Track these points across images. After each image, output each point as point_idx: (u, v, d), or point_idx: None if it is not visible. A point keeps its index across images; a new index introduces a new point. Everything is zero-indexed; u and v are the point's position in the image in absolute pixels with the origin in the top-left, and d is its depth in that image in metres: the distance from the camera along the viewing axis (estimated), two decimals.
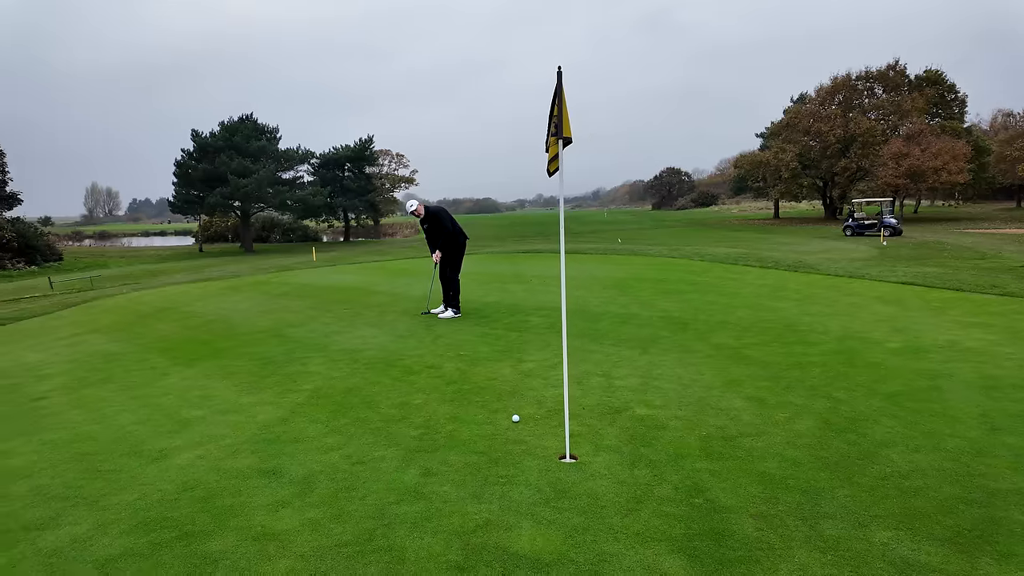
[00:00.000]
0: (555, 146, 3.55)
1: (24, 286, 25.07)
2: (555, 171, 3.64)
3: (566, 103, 3.50)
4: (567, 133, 3.51)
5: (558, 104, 3.45)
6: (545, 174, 3.80)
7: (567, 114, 3.51)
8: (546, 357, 5.99)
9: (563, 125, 3.46)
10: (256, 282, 14.85)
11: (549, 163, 3.64)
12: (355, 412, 4.45)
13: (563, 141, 3.52)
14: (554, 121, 3.53)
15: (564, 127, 3.47)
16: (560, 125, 3.47)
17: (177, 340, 7.60)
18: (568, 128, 3.51)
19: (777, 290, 9.64)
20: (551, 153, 3.60)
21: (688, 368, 5.40)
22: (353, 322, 8.41)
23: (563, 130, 3.47)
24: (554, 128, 3.52)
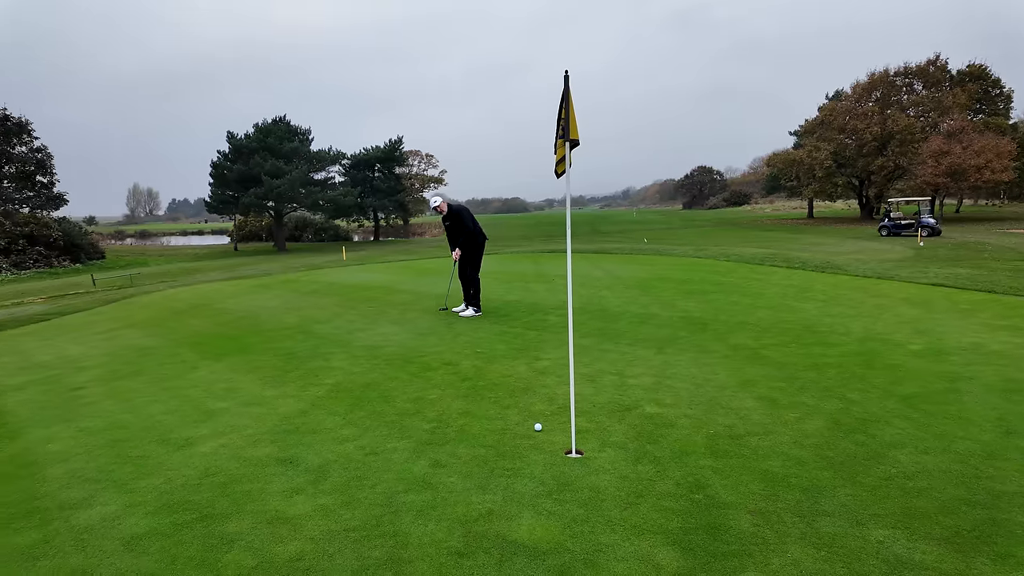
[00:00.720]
0: (562, 148, 3.63)
1: (69, 283, 26.14)
2: (563, 173, 3.72)
3: (573, 107, 3.58)
4: (574, 135, 3.58)
5: (565, 107, 3.53)
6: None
7: (574, 117, 3.58)
8: (562, 355, 6.06)
9: (570, 128, 3.54)
10: (286, 280, 15.24)
11: (556, 164, 3.72)
12: (372, 406, 4.60)
13: (570, 143, 3.60)
14: (561, 124, 3.61)
15: (571, 130, 3.55)
16: (567, 128, 3.55)
17: (207, 335, 7.89)
18: (575, 131, 3.58)
19: (802, 291, 9.52)
20: (559, 155, 3.68)
21: (703, 368, 5.41)
22: (376, 320, 8.60)
23: (570, 132, 3.55)
24: (561, 131, 3.60)
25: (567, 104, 3.52)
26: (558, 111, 3.60)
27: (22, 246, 32.05)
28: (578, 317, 8.04)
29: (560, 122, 3.61)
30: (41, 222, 34.07)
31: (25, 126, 36.96)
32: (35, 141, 37.43)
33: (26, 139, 36.87)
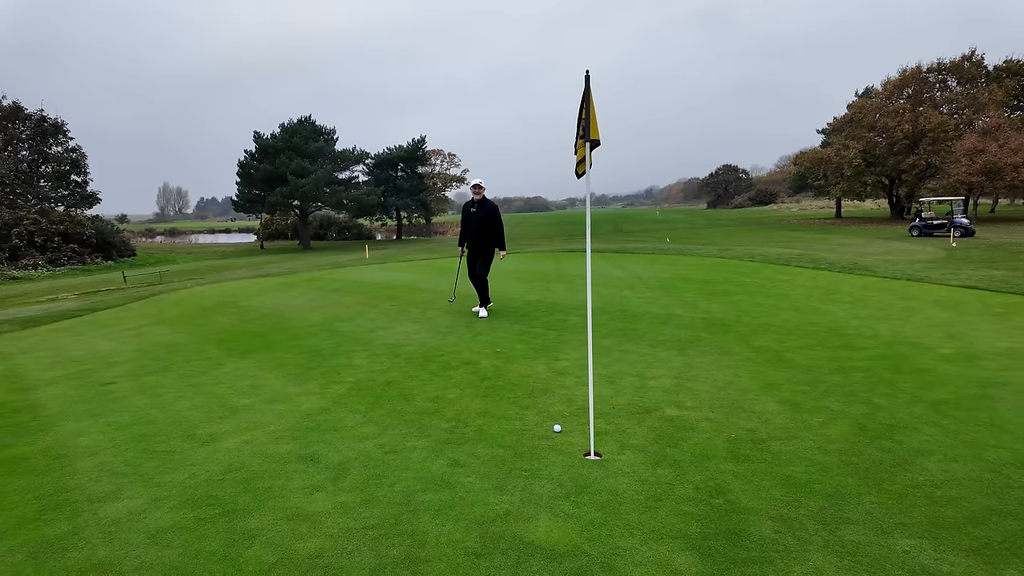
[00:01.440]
0: (583, 148, 3.61)
1: (102, 279, 26.86)
2: (583, 173, 3.71)
3: (594, 106, 3.56)
4: (595, 136, 3.56)
5: (586, 108, 3.52)
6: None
7: (595, 117, 3.56)
8: (581, 356, 6.04)
9: (591, 128, 3.52)
10: (311, 278, 15.44)
11: (577, 165, 3.71)
12: (392, 404, 4.64)
13: (590, 143, 3.58)
14: (582, 124, 3.60)
15: (592, 130, 3.53)
16: (588, 128, 3.53)
17: (233, 332, 8.03)
18: (596, 131, 3.57)
19: (828, 293, 9.35)
20: (579, 155, 3.67)
21: (725, 370, 5.35)
22: (397, 318, 8.66)
23: (591, 132, 3.53)
24: (582, 131, 3.58)
25: (588, 104, 3.51)
26: (579, 111, 3.59)
27: (57, 243, 33.03)
28: (598, 318, 8.00)
29: (581, 122, 3.59)
30: (75, 220, 35.07)
31: (61, 127, 38.08)
32: (70, 141, 38.56)
33: (61, 139, 37.99)
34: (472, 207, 8.30)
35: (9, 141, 36.36)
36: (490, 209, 8.26)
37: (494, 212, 8.28)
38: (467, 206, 8.45)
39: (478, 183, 8.22)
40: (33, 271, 29.92)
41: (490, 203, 8.31)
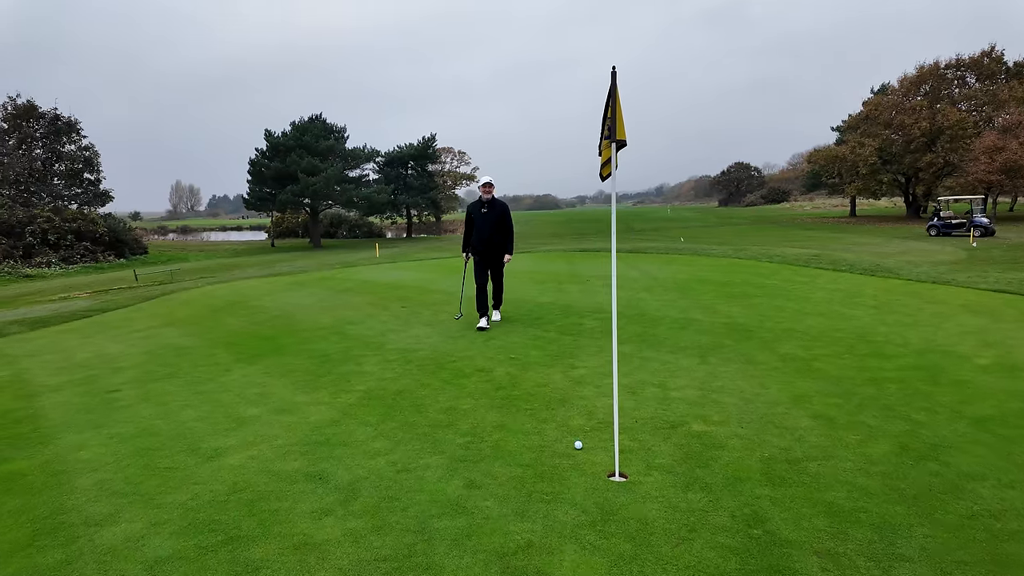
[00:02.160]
0: (608, 149, 3.40)
1: (114, 277, 26.95)
2: (608, 176, 3.49)
3: (620, 105, 3.34)
4: (621, 136, 3.35)
5: (612, 106, 3.30)
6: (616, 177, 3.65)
7: (621, 116, 3.35)
8: (599, 364, 5.82)
9: (617, 128, 3.30)
10: (321, 278, 15.31)
11: (602, 167, 3.49)
12: (404, 415, 4.45)
13: (616, 144, 3.37)
14: (607, 124, 3.38)
15: (618, 130, 3.31)
16: (614, 128, 3.31)
17: (243, 335, 7.88)
18: (623, 131, 3.35)
19: (851, 296, 9.06)
20: (604, 157, 3.45)
21: (751, 381, 5.11)
22: (408, 321, 8.49)
23: (617, 133, 3.31)
24: (607, 131, 3.37)
25: (614, 102, 3.29)
26: (604, 110, 3.37)
27: (70, 241, 33.22)
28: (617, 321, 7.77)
29: (606, 122, 3.38)
30: (88, 218, 35.26)
31: (74, 125, 38.29)
32: (83, 139, 38.77)
33: (75, 137, 38.19)
34: (482, 207, 7.53)
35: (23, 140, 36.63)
36: (501, 210, 7.54)
37: (506, 213, 7.60)
38: (474, 207, 7.65)
39: (488, 181, 7.52)
40: (46, 269, 30.11)
41: (501, 203, 7.61)
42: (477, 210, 7.60)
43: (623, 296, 9.82)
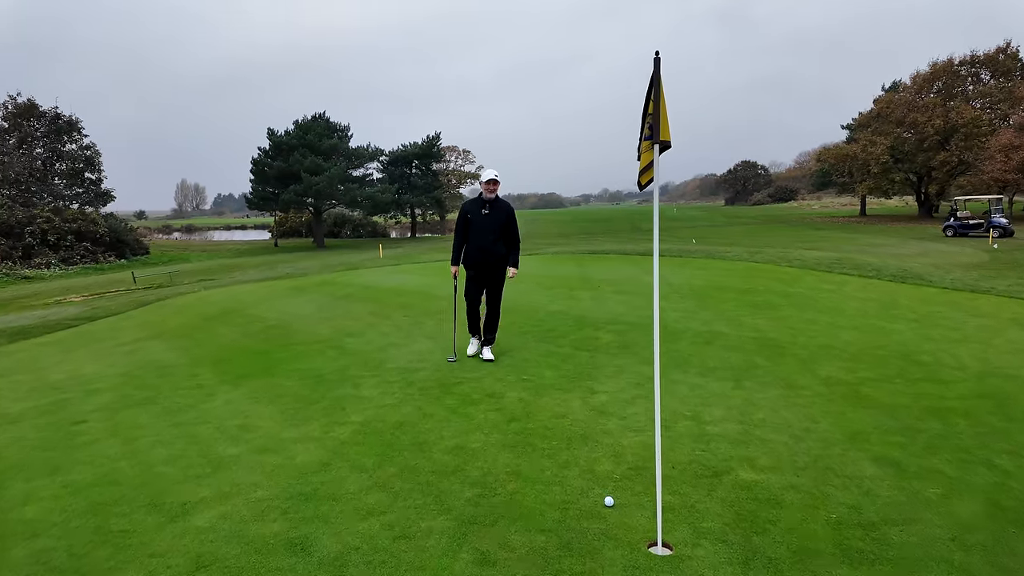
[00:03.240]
0: (649, 152, 2.82)
1: (112, 279, 26.51)
2: (648, 183, 2.91)
3: (664, 98, 2.76)
4: (665, 136, 2.77)
5: (655, 100, 2.72)
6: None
7: (666, 112, 2.77)
8: (620, 387, 5.25)
9: (660, 126, 2.73)
10: (321, 282, 14.77)
11: (641, 174, 2.90)
12: (404, 457, 3.88)
13: (659, 146, 2.79)
14: (648, 121, 2.80)
15: (662, 129, 2.73)
16: (656, 126, 2.73)
17: (233, 350, 7.34)
18: (667, 129, 2.77)
19: (886, 307, 8.45)
20: (644, 161, 2.87)
21: (796, 411, 4.53)
22: (411, 333, 7.93)
23: (660, 132, 2.73)
24: (648, 129, 2.79)
25: (657, 95, 2.71)
26: (644, 104, 2.79)
27: (70, 242, 32.81)
28: (632, 335, 7.20)
29: (646, 119, 2.80)
30: (88, 218, 34.85)
31: (75, 124, 37.89)
32: (84, 139, 38.37)
33: (76, 137, 37.80)
34: (484, 208, 6.05)
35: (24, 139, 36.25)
36: (507, 212, 6.13)
37: (512, 216, 6.19)
38: (472, 206, 6.14)
39: (493, 177, 6.02)
40: (45, 270, 29.69)
41: (505, 203, 6.17)
42: (476, 210, 6.08)
43: (639, 304, 9.24)
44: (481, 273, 6.19)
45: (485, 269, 6.17)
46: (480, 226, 6.07)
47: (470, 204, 6.17)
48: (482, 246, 6.08)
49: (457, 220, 6.21)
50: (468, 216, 6.11)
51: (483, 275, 6.20)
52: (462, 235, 6.21)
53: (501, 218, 6.12)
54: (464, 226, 6.17)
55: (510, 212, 6.21)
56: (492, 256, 6.13)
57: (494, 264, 6.18)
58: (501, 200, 6.17)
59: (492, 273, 6.21)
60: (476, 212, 6.09)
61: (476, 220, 6.09)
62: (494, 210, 6.09)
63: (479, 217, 6.08)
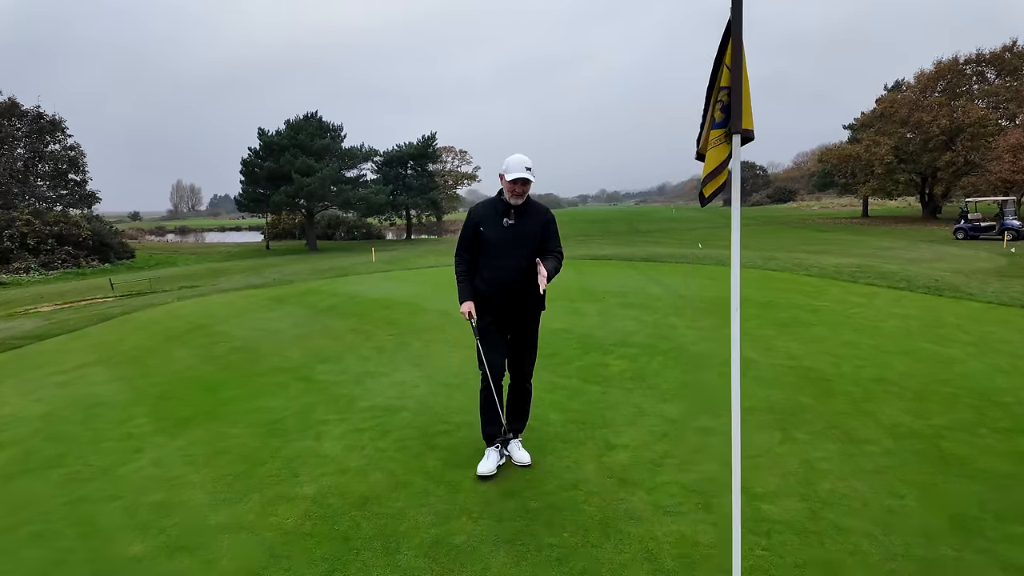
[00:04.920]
0: (722, 145, 1.82)
1: (93, 285, 25.43)
2: (715, 194, 1.92)
3: (747, 69, 1.77)
4: (748, 124, 1.77)
5: (733, 67, 1.72)
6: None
7: (749, 93, 1.77)
8: (642, 439, 4.26)
9: (744, 109, 1.73)
10: (305, 291, 13.75)
11: (705, 182, 1.91)
12: (363, 560, 2.88)
13: (738, 138, 1.79)
14: (715, 102, 1.81)
15: (745, 114, 1.74)
16: (738, 107, 1.74)
17: (185, 381, 6.33)
18: (750, 116, 1.78)
19: (931, 326, 7.48)
20: (711, 161, 1.87)
21: (870, 480, 3.54)
22: (395, 357, 6.94)
23: (743, 119, 1.74)
24: (721, 112, 1.79)
25: (738, 61, 1.71)
26: (713, 75, 1.79)
27: (51, 245, 31.66)
28: (645, 360, 6.23)
29: (714, 96, 1.80)
30: (71, 221, 33.72)
31: (59, 124, 36.75)
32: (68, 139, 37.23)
33: (59, 137, 36.65)
34: (507, 218, 3.84)
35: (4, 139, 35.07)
36: (544, 221, 3.93)
37: (552, 226, 3.97)
38: (484, 213, 3.90)
39: (523, 175, 3.72)
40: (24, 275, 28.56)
41: (541, 208, 4.00)
42: (493, 220, 3.84)
43: (652, 321, 8.26)
44: (503, 315, 3.88)
45: (509, 310, 3.86)
46: (500, 244, 3.80)
47: (483, 208, 3.94)
48: (502, 277, 3.78)
49: (462, 233, 3.95)
50: (481, 229, 3.83)
51: (507, 318, 3.89)
52: (471, 257, 3.92)
53: (534, 232, 3.84)
54: (473, 243, 3.89)
55: (548, 222, 3.92)
56: (519, 292, 3.80)
57: (522, 304, 3.86)
58: (534, 204, 3.93)
59: (520, 313, 3.89)
60: (493, 223, 3.82)
61: (494, 236, 3.81)
62: (523, 220, 3.84)
63: (499, 231, 3.81)
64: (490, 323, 3.91)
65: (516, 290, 3.82)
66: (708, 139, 1.82)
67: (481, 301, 3.88)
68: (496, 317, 3.90)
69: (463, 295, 3.90)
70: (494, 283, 3.83)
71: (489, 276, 3.85)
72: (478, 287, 3.89)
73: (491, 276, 3.84)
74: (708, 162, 1.84)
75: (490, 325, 3.91)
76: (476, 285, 3.90)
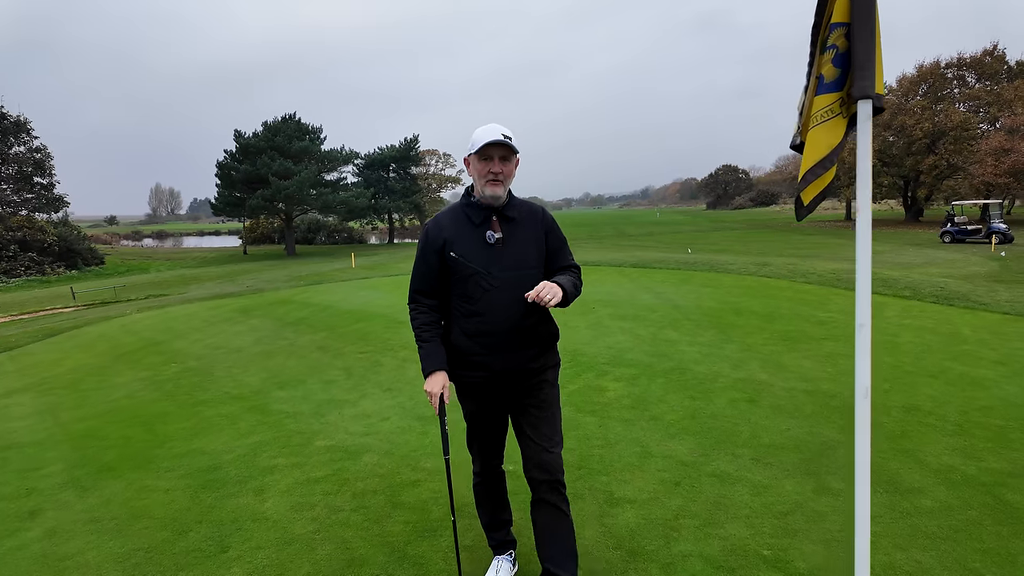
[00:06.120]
0: (832, 121, 1.12)
1: (56, 293, 24.20)
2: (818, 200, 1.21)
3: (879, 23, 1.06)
4: (879, 87, 1.07)
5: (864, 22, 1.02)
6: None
7: (880, 45, 1.06)
8: (652, 490, 3.56)
9: (877, 66, 1.02)
10: (274, 302, 12.91)
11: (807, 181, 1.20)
12: None
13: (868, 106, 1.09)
14: (830, 43, 1.10)
15: (877, 73, 1.03)
16: (858, 56, 1.03)
17: (118, 415, 5.52)
18: (880, 78, 1.07)
19: (951, 340, 6.88)
20: (818, 146, 1.17)
21: (937, 549, 2.87)
22: (364, 380, 6.20)
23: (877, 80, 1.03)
24: (833, 67, 1.08)
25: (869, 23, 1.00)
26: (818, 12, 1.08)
27: (13, 252, 30.25)
28: (644, 382, 5.55)
29: (820, 37, 1.09)
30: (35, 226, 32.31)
31: (24, 125, 35.31)
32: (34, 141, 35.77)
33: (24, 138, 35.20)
34: (491, 232, 2.46)
35: None
36: (542, 226, 2.59)
37: (555, 231, 2.63)
38: (450, 229, 2.49)
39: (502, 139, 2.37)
40: None
41: (536, 209, 2.64)
42: (468, 236, 2.46)
43: (646, 335, 7.60)
44: (497, 391, 2.53)
45: (507, 381, 2.51)
46: (486, 273, 2.42)
47: (448, 222, 2.52)
48: (497, 324, 2.42)
49: (418, 265, 2.57)
50: (452, 254, 2.44)
51: (502, 388, 2.53)
52: (436, 301, 2.56)
53: (533, 244, 2.53)
54: (439, 277, 2.52)
55: (549, 226, 2.61)
56: (525, 344, 2.48)
57: (530, 362, 2.51)
58: (523, 203, 2.60)
59: (521, 376, 2.51)
60: (469, 241, 2.45)
61: (474, 260, 2.42)
62: (514, 229, 2.50)
63: (480, 252, 2.44)
64: (477, 409, 2.58)
65: (520, 341, 2.44)
66: (811, 112, 1.12)
67: (463, 368, 2.48)
68: (487, 394, 2.52)
69: (430, 362, 2.44)
70: (483, 336, 2.41)
71: (474, 327, 2.42)
72: (457, 345, 2.47)
73: (478, 326, 2.41)
74: (809, 151, 1.15)
75: (478, 408, 2.57)
76: (454, 342, 2.48)
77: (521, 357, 2.49)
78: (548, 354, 2.61)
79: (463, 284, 2.45)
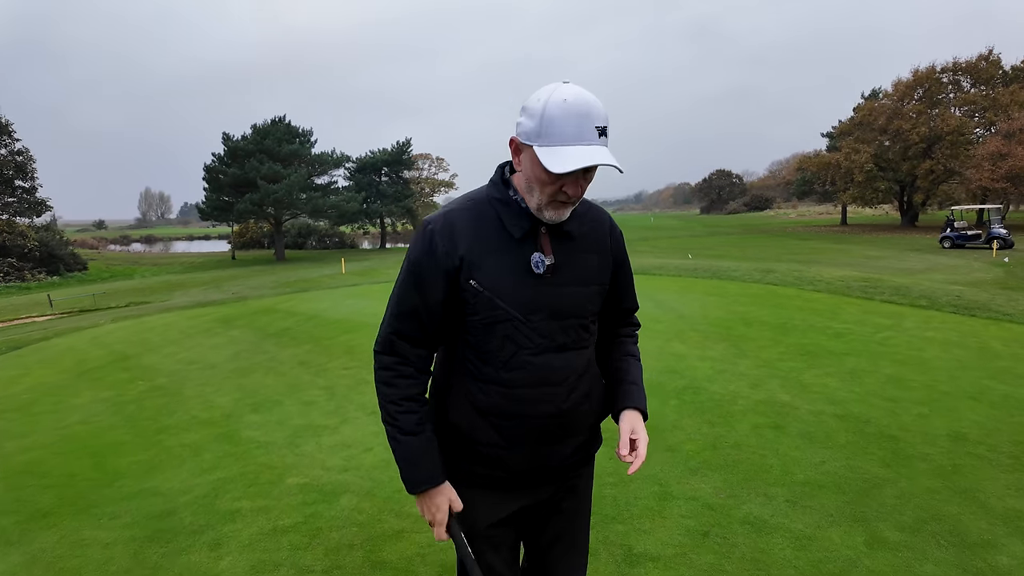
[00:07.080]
0: None
1: (34, 301, 23.46)
2: None
3: None
4: None
5: None
6: None
7: None
8: (677, 543, 3.03)
9: None
10: (258, 311, 12.30)
11: None
12: None
13: None
14: None
15: None
16: None
17: (69, 443, 4.93)
18: None
19: (983, 356, 6.40)
20: None
21: None
22: (347, 401, 5.64)
23: None
24: None
25: None
26: None
27: None
28: (662, 407, 5.00)
29: None
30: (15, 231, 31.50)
31: (6, 127, 34.50)
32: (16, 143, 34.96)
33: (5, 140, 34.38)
34: (540, 256, 1.44)
35: None
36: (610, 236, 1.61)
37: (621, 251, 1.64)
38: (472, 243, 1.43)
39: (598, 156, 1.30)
40: None
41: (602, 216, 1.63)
42: (506, 259, 1.43)
43: (650, 349, 7.06)
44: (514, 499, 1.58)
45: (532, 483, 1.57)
46: (524, 321, 1.43)
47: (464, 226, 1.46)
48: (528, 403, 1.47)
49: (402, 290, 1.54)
50: (472, 283, 1.42)
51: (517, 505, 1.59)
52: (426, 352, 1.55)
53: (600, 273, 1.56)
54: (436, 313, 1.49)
55: (618, 247, 1.64)
56: (567, 436, 1.54)
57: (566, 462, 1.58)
58: (587, 208, 1.59)
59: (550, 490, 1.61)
60: (502, 266, 1.43)
61: (506, 295, 1.42)
62: (573, 251, 1.50)
63: (521, 285, 1.43)
64: (495, 524, 1.57)
65: (562, 428, 1.52)
66: None
67: (465, 462, 1.55)
68: (497, 504, 1.57)
69: (424, 472, 1.48)
70: (506, 418, 1.48)
71: (494, 401, 1.48)
72: (457, 426, 1.53)
73: (500, 402, 1.48)
74: None
75: (483, 530, 1.56)
76: (454, 421, 1.53)
77: (562, 451, 1.53)
78: (595, 438, 1.65)
79: (484, 333, 1.45)
